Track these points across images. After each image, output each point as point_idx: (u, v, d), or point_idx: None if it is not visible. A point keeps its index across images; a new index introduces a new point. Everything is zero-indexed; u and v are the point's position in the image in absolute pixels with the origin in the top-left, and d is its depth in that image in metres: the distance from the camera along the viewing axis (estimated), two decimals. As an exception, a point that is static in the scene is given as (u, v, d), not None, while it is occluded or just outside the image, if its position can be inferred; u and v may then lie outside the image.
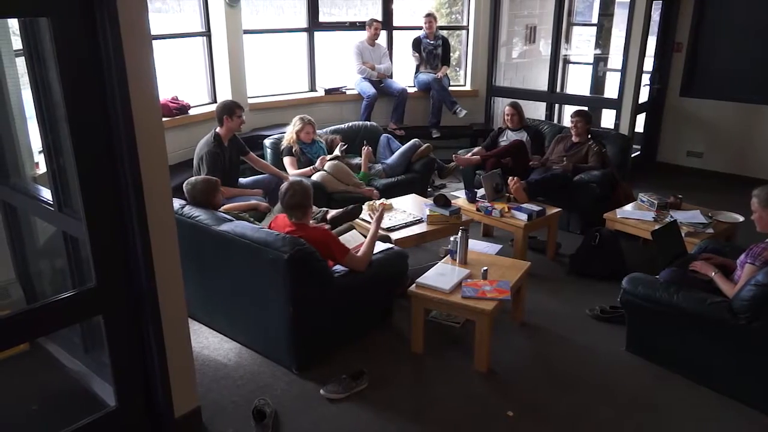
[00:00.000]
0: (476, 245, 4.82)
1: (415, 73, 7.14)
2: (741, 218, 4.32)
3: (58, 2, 2.11)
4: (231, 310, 3.58)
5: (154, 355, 2.59)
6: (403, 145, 5.70)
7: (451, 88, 7.03)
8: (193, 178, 3.87)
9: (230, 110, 4.70)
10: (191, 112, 5.61)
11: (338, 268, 3.42)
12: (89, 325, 3.00)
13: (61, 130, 2.45)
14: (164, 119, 5.26)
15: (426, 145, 5.65)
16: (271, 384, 3.21)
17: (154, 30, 5.33)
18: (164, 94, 5.46)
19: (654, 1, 6.14)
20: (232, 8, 5.64)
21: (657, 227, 3.84)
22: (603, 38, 7.84)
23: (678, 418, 3.00)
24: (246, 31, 5.96)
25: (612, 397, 3.14)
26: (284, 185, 3.41)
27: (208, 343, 3.58)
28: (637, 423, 2.97)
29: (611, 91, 6.86)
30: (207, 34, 5.77)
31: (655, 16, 6.61)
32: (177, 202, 3.64)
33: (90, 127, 2.25)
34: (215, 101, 5.96)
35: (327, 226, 3.87)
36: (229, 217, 3.57)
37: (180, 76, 6.08)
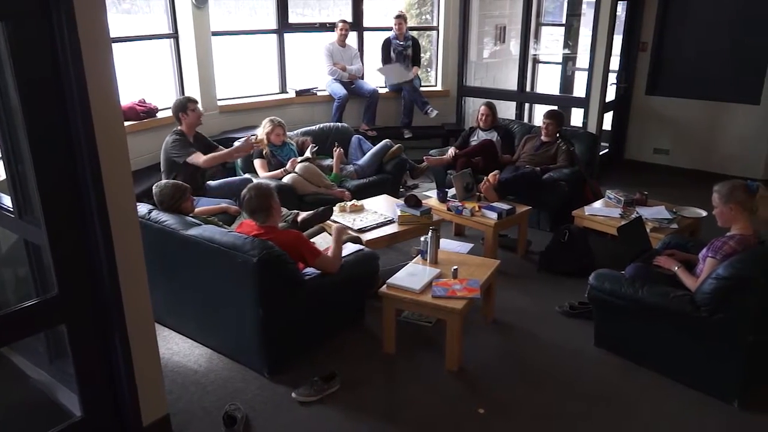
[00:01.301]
0: (448, 244, 4.86)
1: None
2: (704, 213, 4.41)
3: (13, 5, 2.07)
4: (201, 315, 3.55)
5: (121, 363, 2.56)
6: (374, 146, 5.70)
7: (422, 89, 7.05)
8: (162, 182, 3.82)
9: (183, 106, 4.67)
10: (159, 115, 5.53)
11: (310, 270, 3.41)
12: (54, 334, 2.94)
13: (20, 135, 2.40)
14: (131, 123, 5.20)
15: (397, 145, 5.67)
16: (242, 389, 3.18)
17: (122, 32, 5.33)
18: (131, 97, 5.39)
19: (619, 1, 6.25)
20: (200, 9, 5.59)
21: (622, 224, 3.90)
22: (571, 38, 7.95)
23: (645, 410, 3.05)
24: (215, 33, 5.90)
25: (581, 392, 3.19)
26: (244, 189, 3.39)
27: (178, 349, 3.54)
28: (605, 416, 3.01)
29: (580, 90, 6.95)
30: (174, 35, 5.71)
31: (622, 15, 6.72)
32: (144, 207, 3.60)
33: (49, 132, 2.21)
34: (184, 104, 5.91)
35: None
36: (197, 221, 3.54)
37: (148, 78, 6.01)
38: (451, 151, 5.66)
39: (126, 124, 5.07)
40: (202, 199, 4.59)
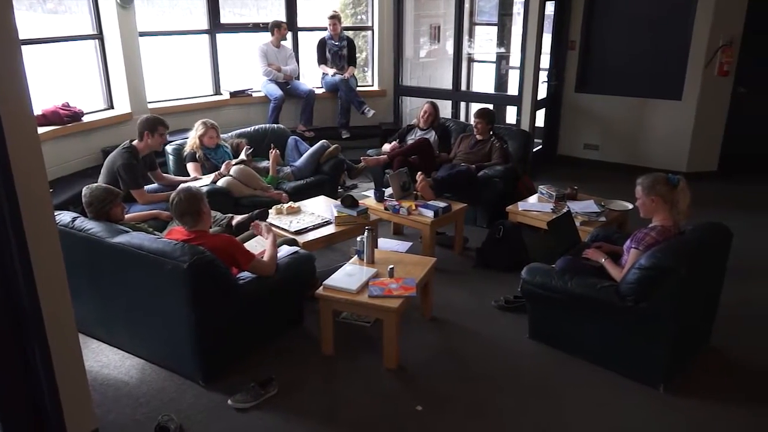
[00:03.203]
0: (387, 243, 4.88)
1: (323, 74, 7.12)
2: (630, 206, 4.57)
3: None
4: (132, 325, 3.44)
5: (42, 378, 2.44)
6: (312, 146, 5.67)
7: (358, 89, 7.05)
8: (93, 185, 3.67)
9: (153, 127, 4.51)
10: (85, 118, 5.33)
11: (245, 274, 3.35)
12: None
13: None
14: (55, 127, 5.00)
15: (334, 146, 5.65)
16: (176, 398, 3.10)
17: (46, 33, 5.10)
18: (54, 101, 5.18)
19: (548, 1, 6.42)
20: (125, 9, 5.41)
21: (552, 218, 4.01)
22: (505, 37, 8.11)
23: (577, 399, 3.14)
24: (143, 33, 5.73)
25: (515, 384, 3.26)
26: (172, 194, 3.30)
27: (108, 360, 3.42)
28: (538, 406, 3.09)
29: (513, 88, 7.10)
30: (99, 36, 5.51)
31: (552, 14, 6.89)
32: (68, 215, 3.47)
33: (-46, 138, 2.09)
34: (112, 107, 5.73)
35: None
36: (125, 228, 3.42)
37: (72, 81, 5.78)
38: (386, 146, 5.70)
39: (49, 128, 4.95)
40: (134, 205, 4.45)
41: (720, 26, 6.22)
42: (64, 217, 3.43)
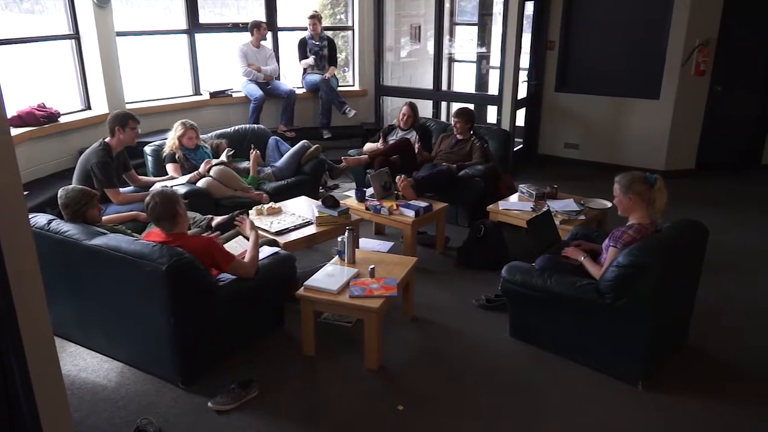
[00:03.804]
0: (368, 243, 4.88)
1: (303, 74, 7.10)
2: (609, 204, 4.60)
3: None
4: (110, 328, 3.40)
5: (18, 383, 2.40)
6: (292, 147, 5.64)
7: (339, 89, 7.04)
8: (69, 186, 3.62)
9: (123, 122, 4.48)
10: (62, 119, 5.26)
11: (225, 275, 3.33)
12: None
13: None
14: (31, 129, 4.93)
15: (315, 146, 5.63)
16: (155, 402, 3.07)
17: (22, 32, 5.02)
18: (30, 101, 5.10)
19: (527, 1, 6.46)
20: (102, 9, 5.35)
21: (531, 217, 4.03)
22: (485, 37, 8.15)
23: (557, 396, 3.16)
24: (120, 33, 5.67)
25: (497, 383, 3.27)
26: (147, 197, 3.27)
27: (86, 364, 3.37)
28: (519, 404, 3.11)
29: (494, 88, 7.13)
30: (76, 36, 5.44)
31: (531, 14, 6.94)
32: (43, 218, 3.42)
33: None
34: (89, 107, 5.66)
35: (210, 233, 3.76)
36: (102, 230, 3.38)
37: (48, 81, 5.70)
38: (368, 146, 5.72)
39: (25, 130, 4.88)
40: (111, 206, 4.41)
41: (696, 26, 6.30)
42: (39, 219, 3.39)
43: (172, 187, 4.66)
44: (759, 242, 5.15)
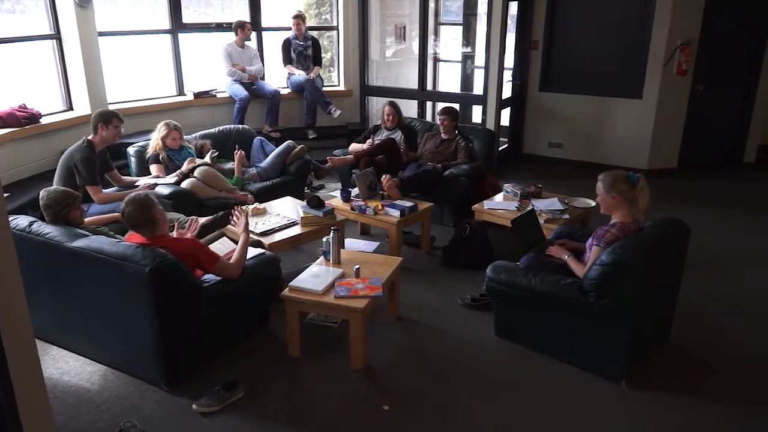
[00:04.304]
0: (354, 244, 4.88)
1: (288, 74, 7.08)
2: (593, 203, 4.63)
3: None
4: (93, 331, 3.37)
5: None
6: (277, 147, 5.63)
7: (324, 89, 7.03)
8: (51, 187, 3.59)
9: (106, 119, 4.47)
10: (44, 120, 5.21)
11: (209, 276, 3.31)
12: None
13: None
14: (12, 130, 4.87)
15: (300, 146, 5.62)
16: (139, 404, 3.05)
17: (0, 33, 4.95)
18: (11, 102, 5.04)
19: (511, 1, 6.49)
20: (84, 8, 5.29)
21: (515, 216, 4.05)
22: (470, 37, 8.17)
23: (542, 395, 3.18)
24: (102, 33, 5.62)
25: (482, 381, 3.29)
26: (121, 205, 3.22)
27: (69, 367, 3.34)
28: (504, 403, 3.12)
29: (479, 87, 7.15)
30: (57, 36, 5.38)
31: (516, 14, 6.97)
32: (24, 220, 3.38)
33: None
34: (71, 108, 5.60)
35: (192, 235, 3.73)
36: (85, 232, 3.35)
37: (30, 82, 5.64)
38: (353, 146, 5.72)
39: (6, 131, 4.82)
40: (93, 206, 4.37)
41: (678, 26, 6.37)
42: (20, 221, 3.35)
43: (155, 186, 4.64)
44: (741, 241, 5.22)
